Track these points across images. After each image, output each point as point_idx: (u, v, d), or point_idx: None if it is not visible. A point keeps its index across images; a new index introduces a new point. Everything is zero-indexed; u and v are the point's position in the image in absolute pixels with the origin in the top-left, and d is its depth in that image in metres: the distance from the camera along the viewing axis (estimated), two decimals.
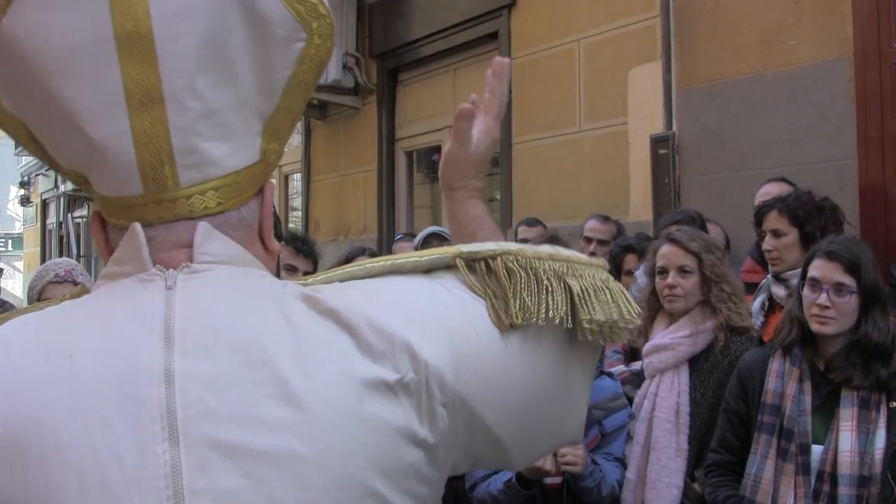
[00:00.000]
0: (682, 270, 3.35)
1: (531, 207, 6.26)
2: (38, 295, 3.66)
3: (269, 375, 0.90)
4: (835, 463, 2.71)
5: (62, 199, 19.39)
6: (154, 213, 0.98)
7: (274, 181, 1.11)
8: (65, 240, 19.50)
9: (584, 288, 1.02)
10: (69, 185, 16.64)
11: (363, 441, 0.92)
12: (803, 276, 2.93)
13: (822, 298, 2.82)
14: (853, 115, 4.42)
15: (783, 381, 2.90)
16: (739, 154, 4.94)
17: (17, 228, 28.81)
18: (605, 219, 5.06)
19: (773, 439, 2.86)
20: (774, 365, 2.94)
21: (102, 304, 0.97)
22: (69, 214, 19.21)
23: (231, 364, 0.91)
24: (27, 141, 1.06)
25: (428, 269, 1.05)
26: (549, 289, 1.01)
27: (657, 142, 5.38)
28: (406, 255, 1.06)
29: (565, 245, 4.44)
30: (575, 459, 3.15)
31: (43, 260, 19.44)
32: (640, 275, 3.84)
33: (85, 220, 18.41)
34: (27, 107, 1.01)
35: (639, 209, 5.62)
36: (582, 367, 1.08)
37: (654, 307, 3.47)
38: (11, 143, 21.02)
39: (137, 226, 0.98)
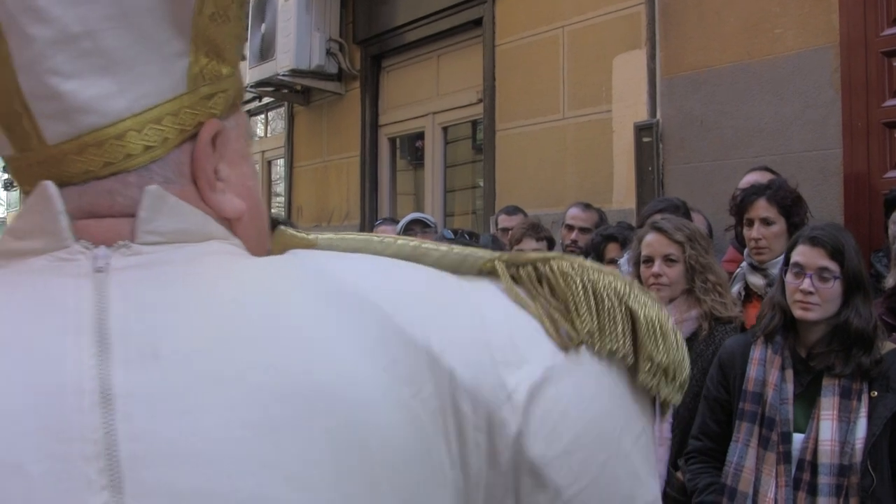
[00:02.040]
0: (668, 259, 3.35)
1: (514, 195, 6.24)
2: None
3: (245, 394, 0.63)
4: (815, 452, 2.71)
5: None
6: (39, 176, 0.72)
7: (222, 121, 0.77)
8: None
9: (648, 319, 0.76)
10: None
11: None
12: (786, 262, 2.93)
13: (806, 284, 2.82)
14: (838, 104, 4.41)
15: (765, 369, 2.90)
16: (723, 143, 4.94)
17: (1, 213, 28.60)
18: (587, 206, 5.05)
19: (755, 427, 2.86)
20: (756, 352, 2.94)
21: (2, 292, 0.69)
22: None
23: (191, 378, 0.64)
24: None
25: (455, 269, 0.79)
26: (612, 312, 0.75)
27: (641, 130, 5.37)
28: (430, 242, 0.80)
29: (548, 232, 4.41)
30: None
31: None
32: (624, 263, 3.84)
33: None
34: None
35: (622, 197, 5.61)
36: (643, 421, 0.78)
37: None
38: None
39: (50, 185, 0.70)
